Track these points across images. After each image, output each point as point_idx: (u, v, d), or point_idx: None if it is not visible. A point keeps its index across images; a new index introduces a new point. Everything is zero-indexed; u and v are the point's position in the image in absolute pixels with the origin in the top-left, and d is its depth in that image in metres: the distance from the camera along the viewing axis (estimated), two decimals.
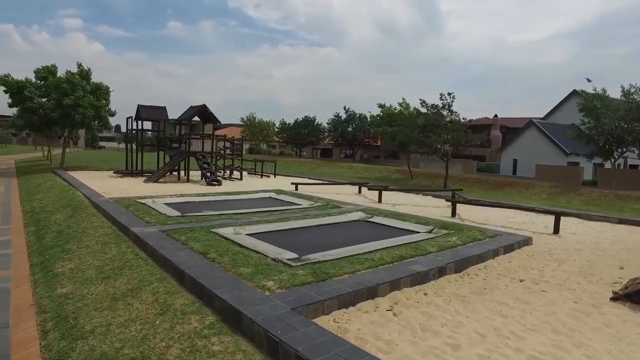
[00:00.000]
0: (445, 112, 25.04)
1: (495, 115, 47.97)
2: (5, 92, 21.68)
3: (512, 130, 52.58)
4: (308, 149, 53.30)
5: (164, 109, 20.95)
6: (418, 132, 24.85)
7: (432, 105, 24.57)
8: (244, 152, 26.03)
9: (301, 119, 47.84)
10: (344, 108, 44.72)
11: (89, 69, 23.44)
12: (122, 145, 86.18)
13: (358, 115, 44.78)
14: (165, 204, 10.87)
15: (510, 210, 13.51)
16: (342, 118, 44.95)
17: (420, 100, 25.18)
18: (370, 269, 5.87)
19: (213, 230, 7.76)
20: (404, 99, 29.39)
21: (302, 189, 16.83)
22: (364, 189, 17.66)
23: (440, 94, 24.96)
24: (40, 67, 22.55)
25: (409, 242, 7.60)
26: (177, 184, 17.67)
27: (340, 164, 39.72)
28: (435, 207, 14.20)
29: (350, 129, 43.72)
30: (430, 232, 8.98)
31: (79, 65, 23.23)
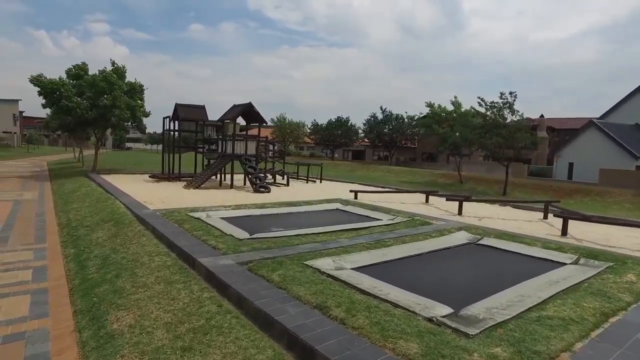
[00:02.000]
0: (506, 112, 22.68)
1: (541, 116, 44.77)
2: (39, 93, 20.54)
3: (556, 131, 49.30)
4: (339, 151, 51.28)
5: (203, 108, 19.32)
6: (477, 133, 22.50)
7: (492, 103, 22.22)
8: (272, 154, 24.23)
9: (334, 120, 45.82)
10: (381, 108, 42.51)
11: (124, 67, 22.07)
12: (149, 147, 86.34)
13: (395, 115, 42.44)
14: (223, 218, 9.04)
15: (617, 227, 11.10)
16: (379, 119, 42.66)
17: (479, 98, 22.81)
18: (586, 340, 3.81)
19: (307, 262, 5.83)
20: (455, 97, 26.96)
21: (361, 197, 14.82)
22: (435, 198, 15.52)
23: (501, 93, 22.67)
24: (72, 66, 21.32)
25: (578, 283, 5.50)
26: (220, 190, 15.95)
27: (378, 166, 37.54)
28: (527, 222, 11.94)
29: (386, 130, 41.38)
30: (576, 262, 6.83)
31: (113, 64, 21.89)
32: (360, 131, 46.03)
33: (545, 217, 12.77)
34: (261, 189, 15.28)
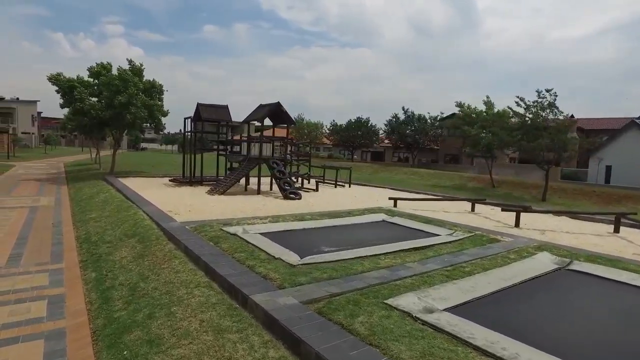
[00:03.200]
0: (544, 113, 21.22)
1: (572, 116, 42.61)
2: (57, 91, 19.79)
3: (585, 132, 47.09)
4: (357, 152, 49.90)
5: (226, 108, 18.26)
6: (515, 135, 20.98)
7: (535, 102, 20.74)
8: (297, 157, 23.03)
9: (354, 120, 44.52)
10: (403, 108, 41.04)
11: (141, 65, 21.16)
12: (164, 147, 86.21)
13: (417, 116, 40.95)
14: (263, 234, 7.87)
15: None
16: (401, 119, 41.20)
17: (518, 97, 21.37)
18: None
19: (388, 301, 4.61)
20: (488, 97, 25.47)
21: (400, 205, 13.54)
22: (481, 207, 14.15)
23: (538, 91, 21.21)
24: (95, 64, 20.52)
25: None
26: (247, 196, 14.82)
27: (401, 168, 36.15)
28: (597, 237, 10.51)
29: (409, 131, 39.90)
30: None
31: (130, 62, 21.00)
32: (381, 132, 44.66)
33: (617, 230, 11.31)
34: (291, 195, 14.11)
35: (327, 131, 47.46)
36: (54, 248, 8.01)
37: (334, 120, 49.93)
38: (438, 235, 8.83)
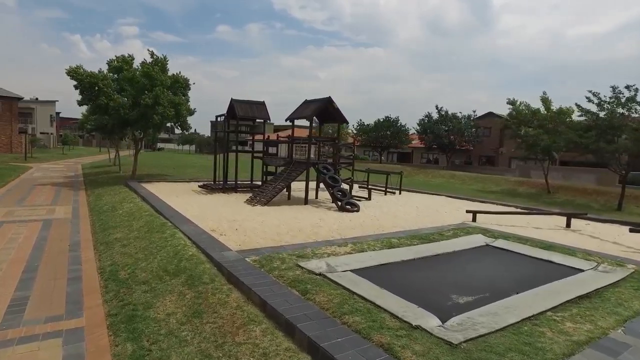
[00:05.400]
0: (623, 110, 18.74)
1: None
2: (76, 87, 17.91)
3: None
4: (383, 153, 47.42)
5: (263, 104, 16.15)
6: (590, 136, 18.37)
7: (610, 98, 18.23)
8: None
9: (382, 119, 42.07)
10: (436, 107, 38.37)
11: (165, 57, 19.15)
12: (181, 147, 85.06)
13: (451, 115, 38.28)
14: (355, 272, 5.65)
15: None
16: (434, 119, 38.58)
17: (591, 92, 18.82)
18: None
19: None
20: (544, 93, 22.85)
21: (480, 220, 11.21)
22: (575, 221, 11.70)
23: (612, 87, 18.73)
24: (115, 57, 18.60)
25: None
26: (293, 207, 12.65)
27: (438, 171, 33.59)
28: None
29: (444, 131, 37.25)
30: None
31: (152, 54, 18.99)
32: (412, 130, 42.11)
33: None
34: (347, 207, 11.88)
35: (354, 131, 45.17)
36: (70, 288, 5.93)
37: (360, 120, 47.62)
38: (580, 269, 6.50)
